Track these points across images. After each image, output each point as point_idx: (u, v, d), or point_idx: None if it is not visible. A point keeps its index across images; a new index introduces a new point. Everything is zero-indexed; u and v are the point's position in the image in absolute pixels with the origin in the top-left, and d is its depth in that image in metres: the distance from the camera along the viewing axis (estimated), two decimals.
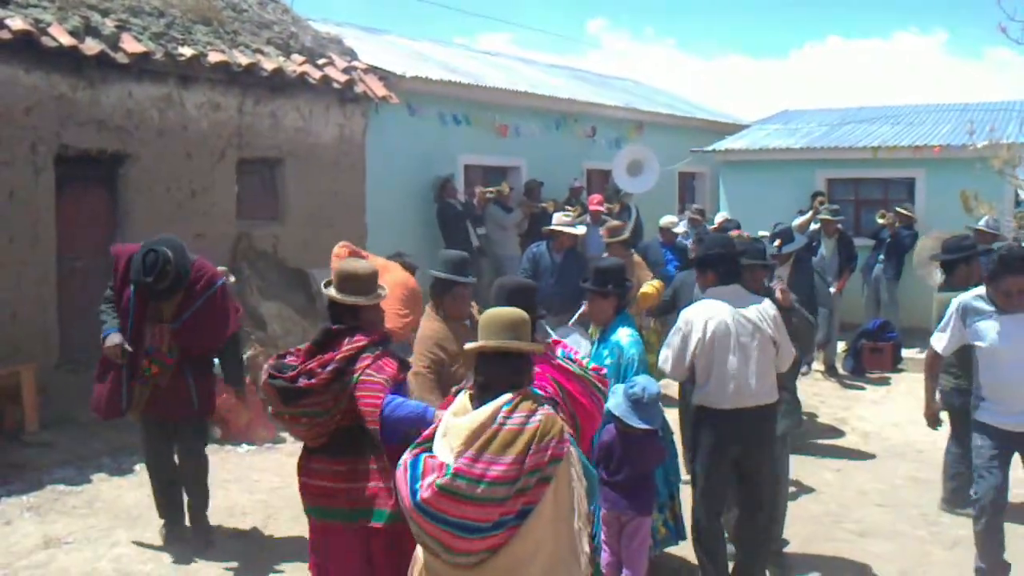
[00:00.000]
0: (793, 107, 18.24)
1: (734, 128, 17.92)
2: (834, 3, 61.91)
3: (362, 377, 3.98)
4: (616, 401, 4.78)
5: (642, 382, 4.82)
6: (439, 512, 3.01)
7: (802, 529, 6.02)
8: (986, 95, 27.85)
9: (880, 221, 12.04)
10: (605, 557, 4.92)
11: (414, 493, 3.05)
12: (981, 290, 5.17)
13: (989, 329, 5.00)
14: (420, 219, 11.63)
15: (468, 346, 3.38)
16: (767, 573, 5.13)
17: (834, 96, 60.70)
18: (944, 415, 5.91)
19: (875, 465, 7.60)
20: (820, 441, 7.98)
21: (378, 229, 10.86)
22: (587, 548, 3.23)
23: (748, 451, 4.86)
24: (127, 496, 6.62)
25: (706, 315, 4.84)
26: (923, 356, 10.60)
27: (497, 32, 60.01)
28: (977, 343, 5.09)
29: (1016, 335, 4.94)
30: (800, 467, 7.28)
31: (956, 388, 6.21)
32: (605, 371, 4.32)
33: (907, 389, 10.13)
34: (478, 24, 75.83)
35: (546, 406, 3.24)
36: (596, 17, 67.98)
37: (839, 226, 11.09)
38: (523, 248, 10.29)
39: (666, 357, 4.98)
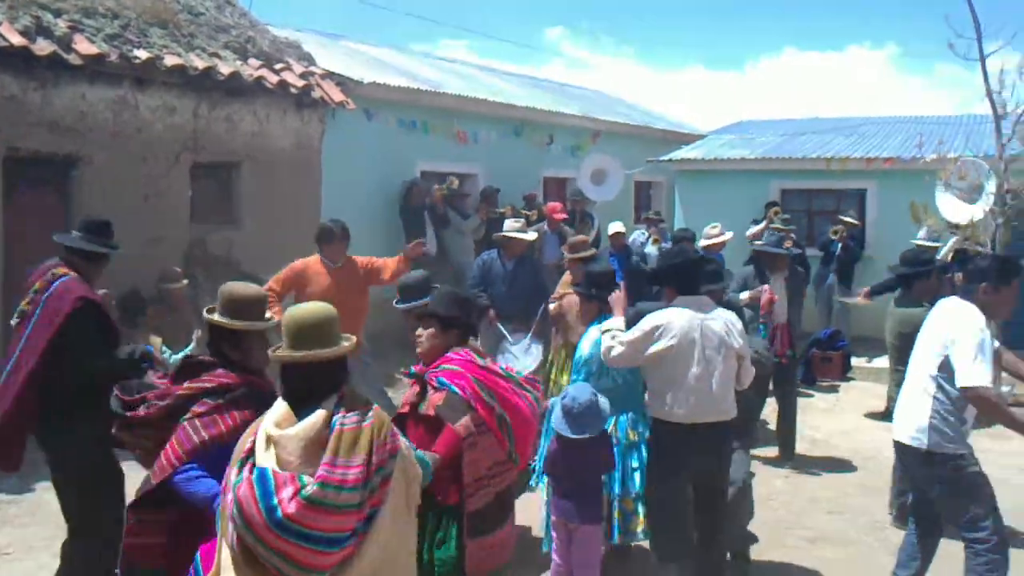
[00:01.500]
0: (749, 118, 18.54)
1: (691, 138, 18.12)
2: (790, 16, 62.98)
3: (184, 423, 3.51)
4: (555, 414, 4.69)
5: (572, 392, 4.68)
6: (304, 527, 2.77)
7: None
8: (935, 109, 28.49)
9: (833, 237, 12.30)
10: (555, 567, 4.87)
11: (272, 510, 2.77)
12: None
13: None
14: (378, 225, 11.59)
15: (277, 354, 3.08)
16: None
17: (789, 107, 61.65)
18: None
19: (825, 473, 7.72)
20: (772, 449, 8.08)
21: None
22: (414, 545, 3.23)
23: (704, 469, 4.69)
24: None
25: (671, 322, 4.61)
26: (871, 365, 10.55)
27: (456, 39, 59.95)
28: None
29: None
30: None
31: None
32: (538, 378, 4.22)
33: (856, 397, 10.31)
34: (435, 31, 75.72)
35: (374, 404, 3.11)
36: (555, 26, 68.38)
37: (792, 236, 11.29)
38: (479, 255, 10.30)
39: (613, 346, 4.70)
